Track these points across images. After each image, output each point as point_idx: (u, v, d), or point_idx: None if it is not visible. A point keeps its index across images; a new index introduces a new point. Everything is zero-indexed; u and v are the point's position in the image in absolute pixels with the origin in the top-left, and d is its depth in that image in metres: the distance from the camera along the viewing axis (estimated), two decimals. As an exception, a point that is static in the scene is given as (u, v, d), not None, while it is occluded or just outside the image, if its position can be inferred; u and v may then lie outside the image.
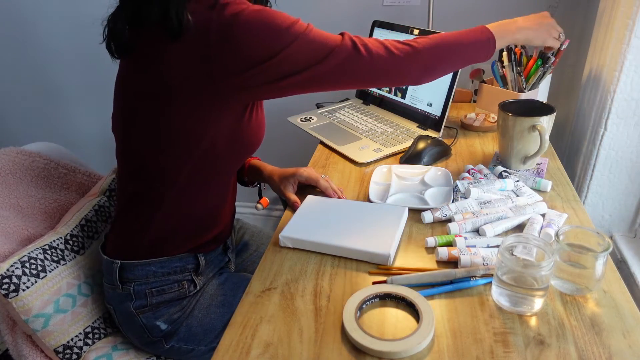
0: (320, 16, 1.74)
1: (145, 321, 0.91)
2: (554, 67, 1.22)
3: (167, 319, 0.92)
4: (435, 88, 1.25)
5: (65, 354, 0.93)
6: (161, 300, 0.91)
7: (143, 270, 0.90)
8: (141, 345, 0.96)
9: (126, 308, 0.91)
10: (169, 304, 0.92)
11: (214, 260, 1.00)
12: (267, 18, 0.73)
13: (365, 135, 1.26)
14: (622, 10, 1.07)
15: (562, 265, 0.71)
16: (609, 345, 0.63)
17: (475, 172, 1.03)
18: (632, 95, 1.09)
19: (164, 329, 0.92)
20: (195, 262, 0.94)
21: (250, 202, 2.22)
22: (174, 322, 0.92)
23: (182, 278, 0.93)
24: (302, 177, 1.01)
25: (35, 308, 0.88)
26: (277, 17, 0.74)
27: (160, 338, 0.93)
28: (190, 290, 0.93)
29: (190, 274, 0.93)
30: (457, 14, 1.62)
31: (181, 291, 0.93)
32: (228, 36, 0.71)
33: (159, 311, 0.92)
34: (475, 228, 0.86)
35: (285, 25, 0.74)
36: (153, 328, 0.92)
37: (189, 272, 0.93)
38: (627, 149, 1.15)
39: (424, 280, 0.74)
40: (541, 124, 0.98)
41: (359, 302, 0.69)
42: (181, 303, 0.93)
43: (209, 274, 0.98)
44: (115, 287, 0.91)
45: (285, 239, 0.85)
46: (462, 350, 0.63)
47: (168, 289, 0.92)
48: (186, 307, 0.93)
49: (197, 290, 0.95)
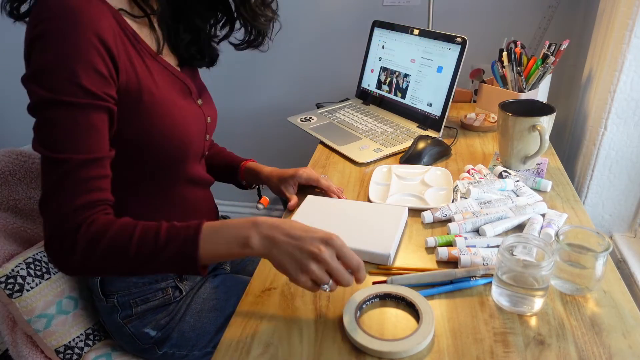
0: (321, 16, 1.75)
1: (133, 330, 0.91)
2: (554, 67, 1.22)
3: (155, 325, 0.91)
4: (435, 88, 1.25)
5: (66, 354, 0.93)
6: (146, 308, 0.91)
7: (123, 281, 0.89)
8: (135, 353, 0.95)
9: (114, 319, 0.91)
10: (155, 311, 0.91)
11: None
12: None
13: (365, 135, 1.26)
14: (622, 10, 1.07)
15: (562, 265, 0.71)
16: (609, 345, 0.63)
17: (475, 172, 1.03)
18: (632, 95, 1.09)
19: (154, 335, 0.91)
20: None
21: (250, 202, 2.23)
22: (163, 328, 0.91)
23: (165, 285, 0.91)
24: (302, 178, 1.00)
25: (39, 308, 0.88)
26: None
27: (151, 345, 0.92)
28: (175, 296, 0.92)
29: (173, 280, 0.92)
30: (457, 14, 1.63)
31: (166, 298, 0.91)
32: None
33: (145, 318, 0.91)
34: (475, 228, 0.86)
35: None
36: (142, 335, 0.91)
37: (171, 278, 0.92)
38: (627, 149, 1.15)
39: (424, 281, 0.74)
40: (541, 124, 0.98)
41: (359, 302, 0.69)
42: (167, 309, 0.92)
43: (196, 277, 0.96)
44: (100, 300, 0.91)
45: None
46: (462, 350, 0.63)
47: (152, 297, 0.90)
48: (175, 313, 0.92)
49: (184, 295, 0.93)
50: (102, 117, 0.68)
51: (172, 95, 0.80)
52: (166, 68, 0.81)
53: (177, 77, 0.83)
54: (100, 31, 0.66)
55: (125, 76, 0.71)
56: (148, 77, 0.75)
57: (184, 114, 0.81)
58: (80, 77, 0.64)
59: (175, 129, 0.79)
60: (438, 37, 1.24)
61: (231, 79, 1.89)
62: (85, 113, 0.66)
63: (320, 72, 1.85)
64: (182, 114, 0.81)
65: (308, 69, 1.86)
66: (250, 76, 1.92)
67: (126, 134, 0.74)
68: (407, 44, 1.33)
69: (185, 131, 0.81)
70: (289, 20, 1.72)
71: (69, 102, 0.64)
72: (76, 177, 0.65)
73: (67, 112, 0.65)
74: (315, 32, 1.78)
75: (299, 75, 1.88)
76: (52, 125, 0.65)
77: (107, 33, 0.67)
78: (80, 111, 0.65)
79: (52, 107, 0.64)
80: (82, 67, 0.64)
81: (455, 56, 1.19)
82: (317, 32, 1.78)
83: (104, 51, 0.66)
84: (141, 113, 0.74)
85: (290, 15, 1.72)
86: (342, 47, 1.78)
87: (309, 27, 1.77)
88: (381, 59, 1.41)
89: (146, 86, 0.74)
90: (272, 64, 1.87)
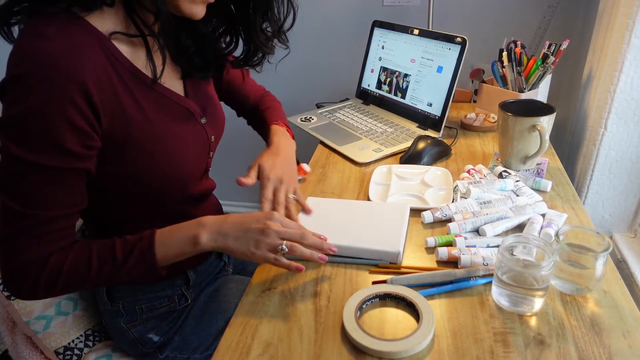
0: (321, 16, 1.75)
1: (136, 335, 0.90)
2: (554, 67, 1.22)
3: (159, 331, 0.91)
4: (435, 88, 1.25)
5: (66, 355, 0.93)
6: (151, 315, 0.90)
7: (130, 289, 0.88)
8: (137, 357, 0.95)
9: (117, 323, 0.90)
10: (159, 317, 0.91)
11: (207, 269, 0.98)
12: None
13: (365, 135, 1.26)
14: (622, 10, 1.07)
15: (562, 265, 0.71)
16: (609, 345, 0.63)
17: (475, 172, 1.03)
18: (632, 95, 1.09)
19: (156, 340, 0.91)
20: (184, 278, 0.92)
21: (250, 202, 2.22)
22: (165, 333, 0.91)
23: (172, 293, 0.90)
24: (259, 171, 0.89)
25: (37, 310, 0.88)
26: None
27: (154, 349, 0.92)
28: (181, 303, 0.92)
29: (181, 289, 0.91)
30: (457, 14, 1.62)
31: (171, 305, 0.91)
32: None
33: (149, 324, 0.90)
34: (475, 228, 0.86)
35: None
36: (145, 340, 0.91)
37: (178, 287, 0.91)
38: (627, 149, 1.15)
39: (424, 281, 0.74)
40: (541, 124, 0.98)
41: (359, 302, 0.69)
42: (172, 315, 0.91)
43: (202, 283, 0.96)
44: (104, 303, 0.89)
45: None
46: (462, 350, 0.63)
47: (158, 305, 0.90)
48: (177, 317, 0.92)
49: (189, 302, 0.93)
50: (77, 176, 0.66)
51: (169, 127, 0.76)
52: (164, 95, 0.76)
53: (178, 102, 0.78)
54: (82, 79, 0.61)
55: (110, 122, 0.67)
56: (139, 115, 0.71)
57: (183, 144, 0.78)
58: (55, 134, 0.61)
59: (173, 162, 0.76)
60: (438, 37, 1.24)
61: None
62: (58, 172, 0.63)
63: (320, 72, 1.85)
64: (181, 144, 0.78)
65: (308, 69, 1.86)
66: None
67: (121, 172, 0.72)
68: (407, 44, 1.33)
69: (182, 162, 0.78)
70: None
71: (41, 163, 0.61)
72: (43, 230, 0.65)
73: (38, 171, 0.62)
74: (316, 32, 1.78)
75: (299, 75, 1.88)
76: (21, 179, 0.62)
77: (89, 80, 0.62)
78: (53, 171, 0.63)
79: (21, 163, 0.61)
80: (58, 123, 0.60)
81: (455, 56, 1.19)
82: (317, 32, 1.78)
83: (83, 103, 0.62)
84: (133, 153, 0.71)
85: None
86: (342, 47, 1.78)
87: (309, 27, 1.77)
88: (381, 59, 1.41)
89: (137, 125, 0.70)
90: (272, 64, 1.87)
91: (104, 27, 0.67)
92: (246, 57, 0.86)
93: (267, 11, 0.80)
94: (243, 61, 0.87)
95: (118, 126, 0.68)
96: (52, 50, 0.59)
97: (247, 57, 0.86)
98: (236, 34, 0.85)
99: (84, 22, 0.64)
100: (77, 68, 0.61)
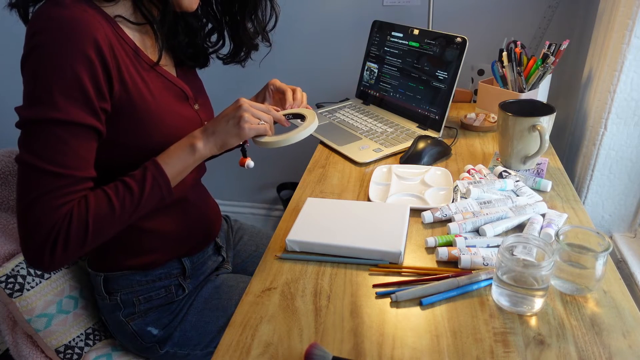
0: (321, 16, 1.75)
1: (136, 328, 0.91)
2: (554, 67, 1.22)
3: (158, 324, 0.91)
4: (435, 88, 1.25)
5: (67, 354, 0.93)
6: (149, 306, 0.91)
7: (127, 280, 0.89)
8: (137, 352, 0.96)
9: (116, 317, 0.91)
10: (158, 309, 0.92)
11: (205, 261, 0.99)
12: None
13: (365, 135, 1.26)
14: (622, 10, 1.07)
15: (562, 265, 0.71)
16: (609, 345, 0.63)
17: (475, 172, 1.03)
18: (632, 95, 1.09)
19: (156, 333, 0.92)
20: (180, 267, 0.93)
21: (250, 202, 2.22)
22: (165, 326, 0.92)
23: (169, 283, 0.92)
24: (275, 86, 0.96)
25: (39, 308, 0.88)
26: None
27: (153, 344, 0.92)
28: (178, 294, 0.93)
29: (177, 279, 0.93)
30: (457, 14, 1.62)
31: (169, 296, 0.92)
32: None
33: (148, 317, 0.91)
34: (475, 228, 0.86)
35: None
36: (145, 334, 0.92)
37: (174, 277, 0.93)
38: (627, 149, 1.15)
39: (428, 293, 0.73)
40: (541, 124, 0.98)
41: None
42: (170, 307, 0.92)
43: (199, 276, 0.97)
44: (103, 298, 0.91)
45: (292, 243, 0.84)
46: (462, 350, 0.63)
47: (155, 295, 0.91)
48: (177, 312, 0.93)
49: (187, 293, 0.94)
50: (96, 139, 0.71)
51: (168, 103, 0.81)
52: (163, 76, 0.82)
53: (175, 84, 0.85)
54: (97, 41, 0.67)
55: (119, 89, 0.72)
56: (143, 87, 0.76)
57: (180, 121, 0.82)
58: (82, 89, 0.66)
59: (171, 136, 0.79)
60: (438, 37, 1.24)
61: (231, 79, 1.89)
62: (86, 131, 0.68)
63: (320, 72, 1.85)
64: (178, 121, 0.82)
65: (308, 69, 1.86)
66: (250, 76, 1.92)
67: (125, 142, 0.76)
68: (407, 44, 1.33)
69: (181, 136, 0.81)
70: (289, 20, 1.72)
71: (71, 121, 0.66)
72: (74, 189, 0.68)
73: (68, 129, 0.66)
74: (316, 32, 1.78)
75: (299, 75, 1.88)
76: (55, 140, 0.66)
77: (103, 45, 0.68)
78: (82, 129, 0.68)
79: (52, 124, 0.66)
80: (82, 77, 0.66)
81: (455, 56, 1.19)
82: (317, 32, 1.78)
83: (99, 64, 0.68)
84: (137, 122, 0.76)
85: (290, 15, 1.72)
86: (342, 47, 1.78)
87: (309, 27, 1.77)
88: (381, 59, 1.41)
89: (141, 96, 0.75)
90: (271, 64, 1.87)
91: (112, 13, 0.75)
92: (233, 54, 0.96)
93: (252, 13, 0.91)
94: (230, 58, 0.96)
95: (125, 94, 0.73)
96: (69, 14, 0.65)
97: (234, 54, 0.96)
98: (222, 31, 0.95)
99: (94, 5, 0.72)
100: (93, 30, 0.67)
